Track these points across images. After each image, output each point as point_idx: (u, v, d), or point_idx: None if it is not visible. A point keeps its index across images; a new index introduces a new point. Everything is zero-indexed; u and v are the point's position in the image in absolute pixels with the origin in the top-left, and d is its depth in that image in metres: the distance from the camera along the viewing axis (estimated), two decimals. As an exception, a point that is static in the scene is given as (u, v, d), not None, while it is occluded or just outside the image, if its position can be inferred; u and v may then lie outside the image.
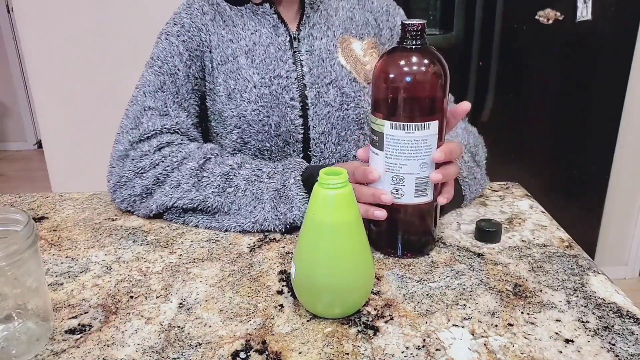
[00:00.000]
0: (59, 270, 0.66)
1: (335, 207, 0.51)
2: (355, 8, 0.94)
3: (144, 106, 0.83)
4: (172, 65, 0.86)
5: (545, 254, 0.66)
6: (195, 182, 0.76)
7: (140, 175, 0.77)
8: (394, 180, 0.63)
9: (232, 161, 0.78)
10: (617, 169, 2.11)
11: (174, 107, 0.85)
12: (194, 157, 0.78)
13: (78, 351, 0.51)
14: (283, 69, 0.88)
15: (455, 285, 0.60)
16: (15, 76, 4.05)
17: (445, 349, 0.50)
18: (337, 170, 0.52)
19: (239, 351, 0.51)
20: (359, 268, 0.53)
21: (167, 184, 0.76)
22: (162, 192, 0.76)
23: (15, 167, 3.92)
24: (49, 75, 1.90)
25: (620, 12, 1.84)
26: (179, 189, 0.76)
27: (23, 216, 0.51)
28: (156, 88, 0.85)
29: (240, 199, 0.74)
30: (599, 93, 1.95)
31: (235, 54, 0.88)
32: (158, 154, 0.78)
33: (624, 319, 0.54)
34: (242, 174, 0.76)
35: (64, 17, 1.84)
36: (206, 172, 0.76)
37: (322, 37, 0.91)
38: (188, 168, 0.76)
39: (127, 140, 0.80)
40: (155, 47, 0.88)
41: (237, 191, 0.75)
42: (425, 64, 0.61)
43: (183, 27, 0.88)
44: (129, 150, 0.79)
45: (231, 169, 0.76)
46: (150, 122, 0.81)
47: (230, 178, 0.76)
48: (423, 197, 0.63)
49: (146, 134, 0.80)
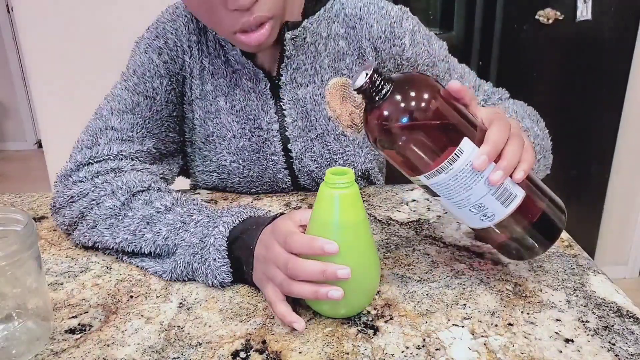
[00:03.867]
0: (59, 270, 0.66)
1: (341, 207, 0.51)
2: (350, 35, 0.79)
3: (107, 124, 0.75)
4: (151, 87, 0.77)
5: (545, 254, 0.66)
6: (113, 224, 0.66)
7: (70, 205, 0.69)
8: (474, 210, 0.54)
9: (161, 202, 0.66)
10: (617, 169, 2.11)
11: (141, 133, 0.76)
12: (117, 193, 0.67)
13: (78, 351, 0.51)
14: (264, 120, 0.80)
15: (455, 285, 0.60)
16: (15, 76, 4.05)
17: (445, 349, 0.50)
18: (343, 170, 0.52)
19: (239, 351, 0.51)
20: (365, 268, 0.53)
21: (86, 222, 0.67)
22: (81, 232, 0.68)
23: (15, 167, 3.92)
24: (49, 75, 1.90)
25: (620, 12, 1.84)
26: (95, 230, 0.67)
27: (23, 216, 0.51)
28: (127, 108, 0.76)
29: (161, 248, 0.63)
30: (599, 93, 1.95)
31: (216, 93, 0.80)
32: (90, 183, 0.69)
33: (623, 318, 0.54)
34: (168, 218, 0.64)
35: (64, 17, 1.84)
36: (129, 211, 0.66)
37: (308, 83, 0.79)
38: (108, 206, 0.66)
39: (75, 161, 0.72)
40: (132, 57, 0.79)
41: (157, 238, 0.63)
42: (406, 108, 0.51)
43: (166, 44, 0.78)
44: (73, 172, 0.71)
45: (157, 212, 0.65)
46: (107, 146, 0.73)
47: (153, 222, 0.64)
48: (512, 201, 0.53)
49: (97, 157, 0.72)
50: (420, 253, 0.67)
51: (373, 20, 0.79)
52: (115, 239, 0.65)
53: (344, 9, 0.80)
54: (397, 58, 0.80)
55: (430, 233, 0.72)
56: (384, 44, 0.79)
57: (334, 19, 0.80)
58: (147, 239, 0.64)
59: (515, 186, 0.54)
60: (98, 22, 1.85)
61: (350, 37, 0.80)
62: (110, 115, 0.75)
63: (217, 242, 0.60)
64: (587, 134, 2.00)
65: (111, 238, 0.65)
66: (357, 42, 0.80)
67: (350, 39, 0.80)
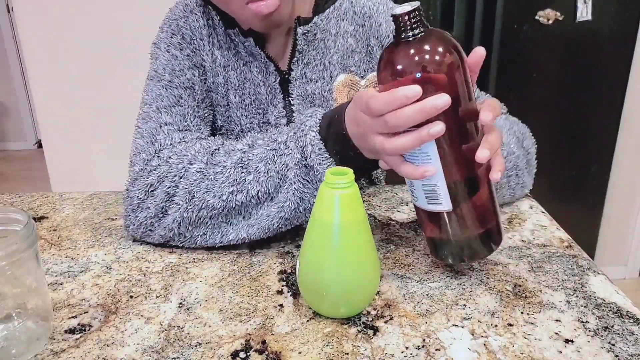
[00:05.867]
0: (58, 269, 0.66)
1: (341, 207, 0.51)
2: (358, 32, 0.81)
3: (160, 122, 0.73)
4: (186, 79, 0.77)
5: (545, 254, 0.66)
6: (208, 185, 0.65)
7: (151, 194, 0.67)
8: (410, 187, 0.57)
9: (241, 144, 0.67)
10: (617, 169, 2.11)
11: (196, 122, 0.76)
12: (200, 156, 0.67)
13: (78, 351, 0.51)
14: (273, 114, 0.80)
15: (455, 285, 0.60)
16: (15, 76, 4.05)
17: (445, 349, 0.50)
18: (343, 170, 0.52)
19: (239, 351, 0.51)
20: (365, 268, 0.53)
21: (179, 196, 0.66)
22: (178, 209, 0.66)
23: (15, 167, 3.92)
24: (49, 75, 1.90)
25: (620, 12, 1.84)
26: (195, 200, 0.65)
27: (23, 216, 0.51)
28: (171, 103, 0.75)
29: (266, 183, 0.64)
30: (599, 93, 1.95)
31: (227, 86, 0.80)
32: (165, 165, 0.68)
33: (623, 319, 0.54)
34: (257, 154, 0.65)
35: (64, 17, 1.84)
36: (217, 167, 0.66)
37: (317, 79, 0.80)
38: (194, 171, 0.66)
39: (142, 160, 0.70)
40: (156, 59, 0.78)
41: (259, 176, 0.64)
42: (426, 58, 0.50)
43: (184, 39, 0.78)
44: (143, 170, 0.69)
45: (243, 154, 0.66)
46: (167, 137, 0.72)
47: (245, 164, 0.65)
48: (434, 204, 0.55)
49: (162, 148, 0.70)
50: (420, 253, 0.67)
51: (382, 19, 0.80)
52: (222, 197, 0.64)
53: (353, 7, 0.81)
54: None
55: (430, 233, 0.72)
56: None
57: (343, 17, 0.80)
58: (249, 180, 0.64)
59: (446, 198, 0.54)
60: (98, 22, 1.85)
61: (359, 34, 0.81)
62: (159, 113, 0.74)
63: (316, 147, 0.61)
64: (587, 134, 2.00)
65: (217, 199, 0.65)
66: (366, 39, 0.81)
67: (358, 37, 0.81)
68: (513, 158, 0.72)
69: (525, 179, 0.76)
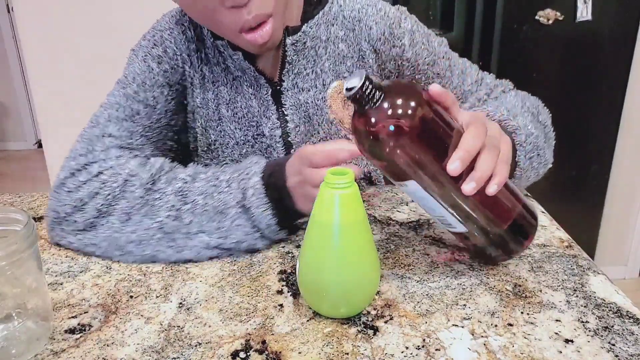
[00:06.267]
0: (58, 269, 0.66)
1: (341, 207, 0.51)
2: (349, 37, 0.79)
3: (104, 132, 0.73)
4: (151, 96, 0.76)
5: (545, 254, 0.66)
6: (147, 210, 0.65)
7: (81, 208, 0.67)
8: (437, 220, 0.60)
9: (183, 174, 0.68)
10: (617, 169, 2.12)
11: (141, 141, 0.75)
12: (139, 179, 0.67)
13: (78, 351, 0.51)
14: (267, 126, 0.79)
15: (455, 285, 0.60)
16: (15, 76, 4.05)
17: (445, 349, 0.50)
18: (343, 170, 0.52)
19: (239, 351, 0.51)
20: (365, 268, 0.53)
21: (115, 217, 0.65)
22: (111, 229, 0.66)
23: (15, 167, 3.93)
24: (49, 75, 1.91)
25: (620, 12, 1.84)
26: (129, 222, 0.65)
27: (23, 216, 0.51)
28: (126, 116, 0.74)
29: (200, 215, 0.65)
30: (599, 93, 1.95)
31: (217, 101, 0.79)
32: (96, 182, 0.67)
33: (623, 319, 0.54)
34: (198, 187, 0.66)
35: (64, 17, 1.84)
36: (157, 193, 0.66)
37: (310, 88, 0.79)
38: (137, 196, 0.66)
39: (70, 168, 0.70)
40: (130, 65, 0.77)
41: (195, 207, 0.65)
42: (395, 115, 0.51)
43: (165, 53, 0.77)
44: (68, 179, 0.69)
45: (184, 184, 0.66)
46: (104, 152, 0.71)
47: (185, 194, 0.66)
48: (454, 229, 0.59)
49: (93, 162, 0.70)
50: (420, 253, 0.67)
51: (372, 22, 0.79)
52: (158, 220, 0.65)
53: (342, 11, 0.80)
54: (397, 59, 0.80)
55: (430, 233, 0.72)
56: (384, 46, 0.79)
57: (333, 22, 0.79)
58: (185, 210, 0.65)
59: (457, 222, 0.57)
60: (98, 22, 1.85)
61: (350, 39, 0.80)
62: (108, 122, 0.74)
63: (257, 191, 0.64)
64: (587, 134, 2.00)
65: (152, 222, 0.65)
66: (357, 44, 0.80)
67: (349, 42, 0.80)
68: (532, 139, 0.70)
69: (546, 155, 0.75)
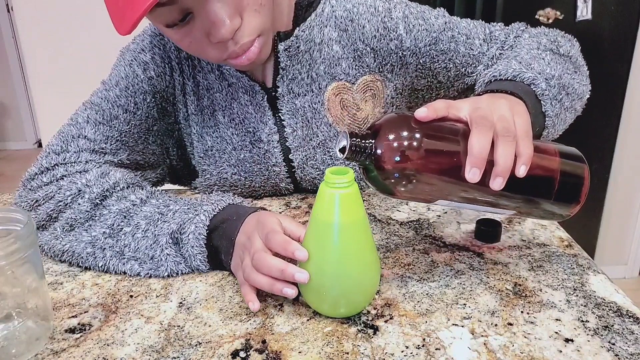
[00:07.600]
0: (58, 269, 0.66)
1: (341, 207, 0.51)
2: (343, 38, 0.78)
3: (80, 133, 0.73)
4: (132, 102, 0.75)
5: (545, 254, 0.66)
6: (90, 224, 0.65)
7: (35, 209, 0.68)
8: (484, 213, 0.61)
9: (136, 196, 0.67)
10: (617, 169, 2.12)
11: (115, 146, 0.74)
12: (89, 192, 0.66)
13: (78, 350, 0.51)
14: (264, 131, 0.79)
15: (455, 284, 0.60)
16: (15, 76, 4.05)
17: (445, 349, 0.50)
18: (343, 170, 0.52)
19: (239, 350, 0.51)
20: (365, 268, 0.53)
21: (59, 224, 0.66)
22: (53, 234, 0.66)
23: (15, 167, 3.92)
24: (49, 75, 1.91)
25: (620, 11, 1.84)
26: (72, 232, 0.65)
27: (23, 215, 0.51)
28: (104, 119, 0.74)
29: (139, 241, 0.63)
30: (599, 93, 1.94)
31: (213, 107, 0.79)
32: (54, 186, 0.67)
33: (623, 318, 0.54)
34: (145, 211, 0.65)
35: (64, 17, 1.84)
36: (104, 209, 0.65)
37: (305, 92, 0.78)
38: (84, 209, 0.65)
39: (40, 165, 0.71)
40: (116, 67, 0.77)
41: (137, 231, 0.64)
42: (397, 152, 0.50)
43: (153, 60, 0.76)
44: (37, 176, 0.70)
45: (133, 206, 0.66)
46: (76, 154, 0.71)
47: (129, 216, 0.65)
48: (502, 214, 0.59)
49: (61, 163, 0.70)
50: (420, 253, 0.67)
51: (364, 20, 0.77)
52: (94, 235, 0.64)
53: (334, 11, 0.78)
54: (397, 52, 0.78)
55: (430, 233, 0.72)
56: (380, 43, 0.78)
57: (326, 23, 0.78)
58: (125, 232, 0.64)
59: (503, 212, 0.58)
60: (98, 22, 1.85)
61: (344, 40, 0.78)
62: (86, 124, 0.73)
63: (197, 230, 0.62)
64: (587, 134, 2.00)
65: (89, 236, 0.64)
66: (352, 44, 0.78)
67: (344, 42, 0.78)
68: (555, 81, 0.67)
69: (578, 89, 0.70)
